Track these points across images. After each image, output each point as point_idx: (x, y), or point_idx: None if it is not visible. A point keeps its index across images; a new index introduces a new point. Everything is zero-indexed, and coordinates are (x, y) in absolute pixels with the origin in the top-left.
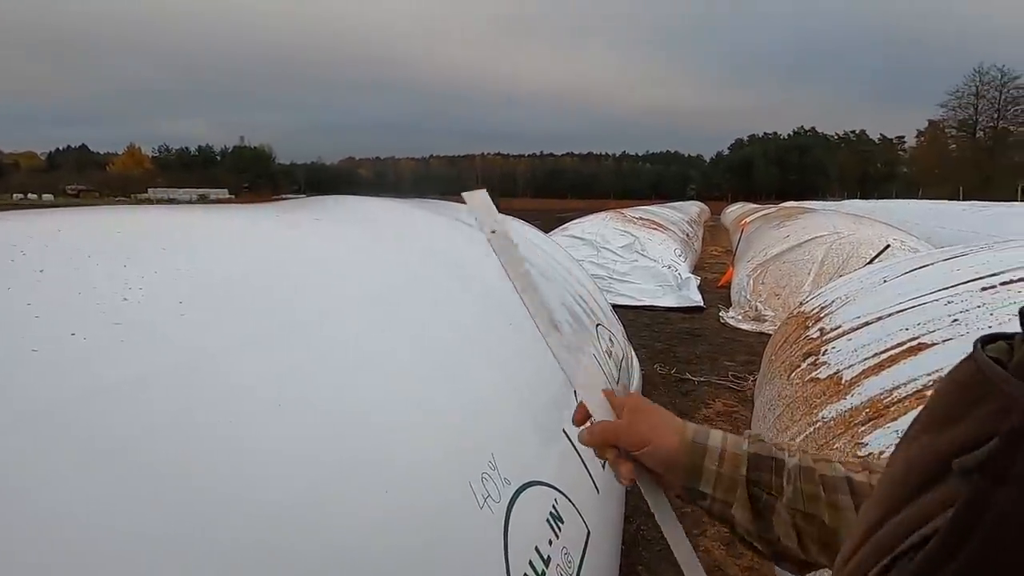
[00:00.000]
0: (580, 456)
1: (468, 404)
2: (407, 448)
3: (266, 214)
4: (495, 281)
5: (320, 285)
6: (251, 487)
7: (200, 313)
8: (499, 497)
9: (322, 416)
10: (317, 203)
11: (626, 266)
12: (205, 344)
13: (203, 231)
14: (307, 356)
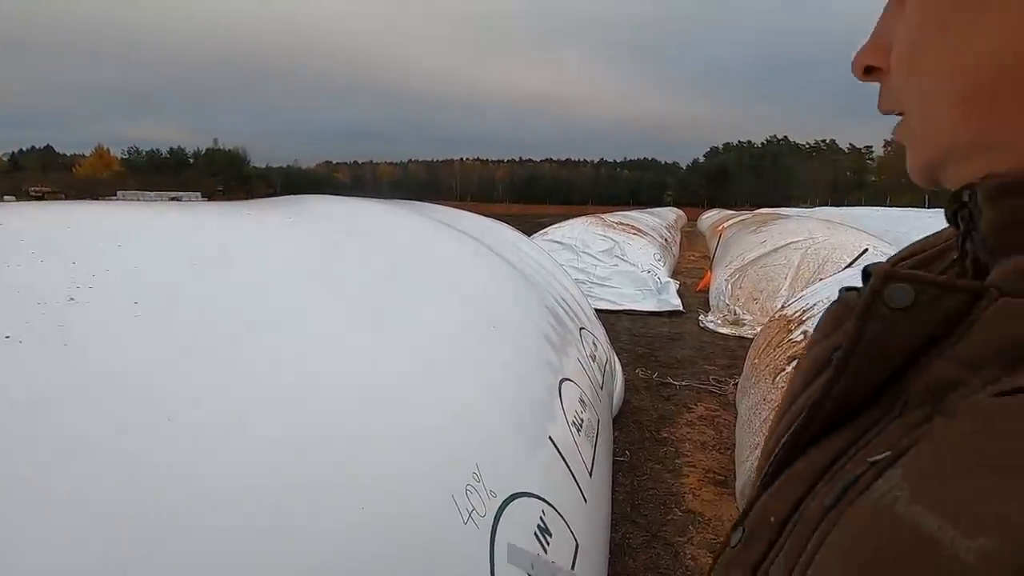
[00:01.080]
0: (567, 464)
1: (450, 412)
2: (384, 461)
3: (234, 213)
4: (477, 283)
5: (289, 286)
6: (211, 505)
7: (157, 314)
8: (484, 511)
9: (288, 428)
10: (287, 203)
11: (606, 270)
12: (161, 347)
13: (163, 228)
14: (273, 361)
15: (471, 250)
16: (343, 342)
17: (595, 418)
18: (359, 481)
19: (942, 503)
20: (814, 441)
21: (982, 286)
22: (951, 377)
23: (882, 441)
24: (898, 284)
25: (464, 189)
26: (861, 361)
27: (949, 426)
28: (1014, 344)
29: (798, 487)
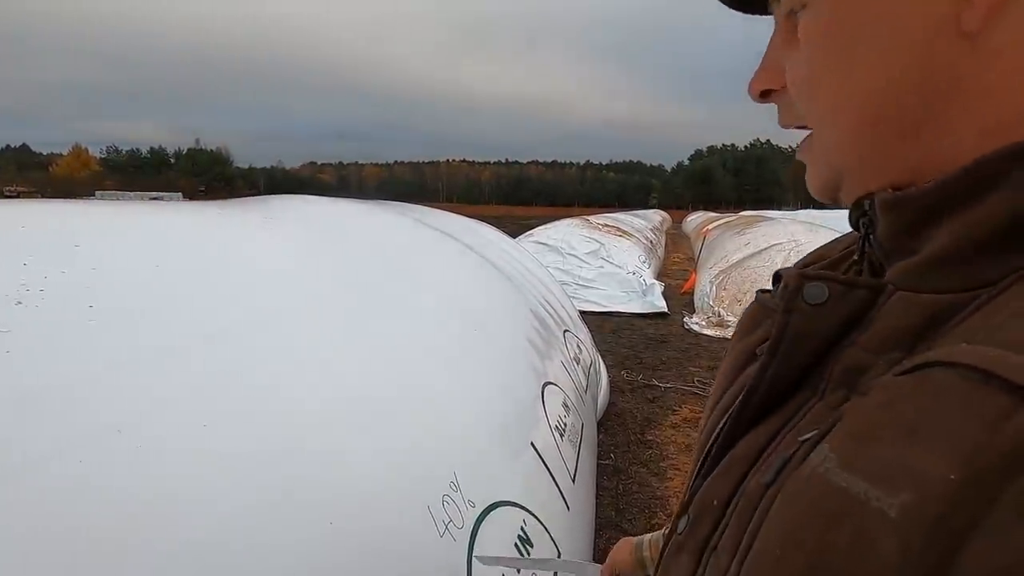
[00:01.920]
0: (549, 470)
1: (426, 419)
2: (353, 472)
3: (205, 213)
4: (458, 285)
5: (259, 289)
6: (165, 523)
7: (114, 318)
8: (462, 522)
9: (249, 440)
10: (263, 202)
11: (592, 272)
12: (114, 355)
13: (126, 228)
14: (236, 369)
15: (453, 251)
16: (313, 347)
17: (579, 422)
18: (326, 495)
19: (866, 468)
20: (750, 426)
21: (880, 283)
22: (861, 362)
23: (809, 421)
24: (814, 283)
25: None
26: (788, 350)
27: (863, 401)
28: (908, 330)
29: (738, 469)
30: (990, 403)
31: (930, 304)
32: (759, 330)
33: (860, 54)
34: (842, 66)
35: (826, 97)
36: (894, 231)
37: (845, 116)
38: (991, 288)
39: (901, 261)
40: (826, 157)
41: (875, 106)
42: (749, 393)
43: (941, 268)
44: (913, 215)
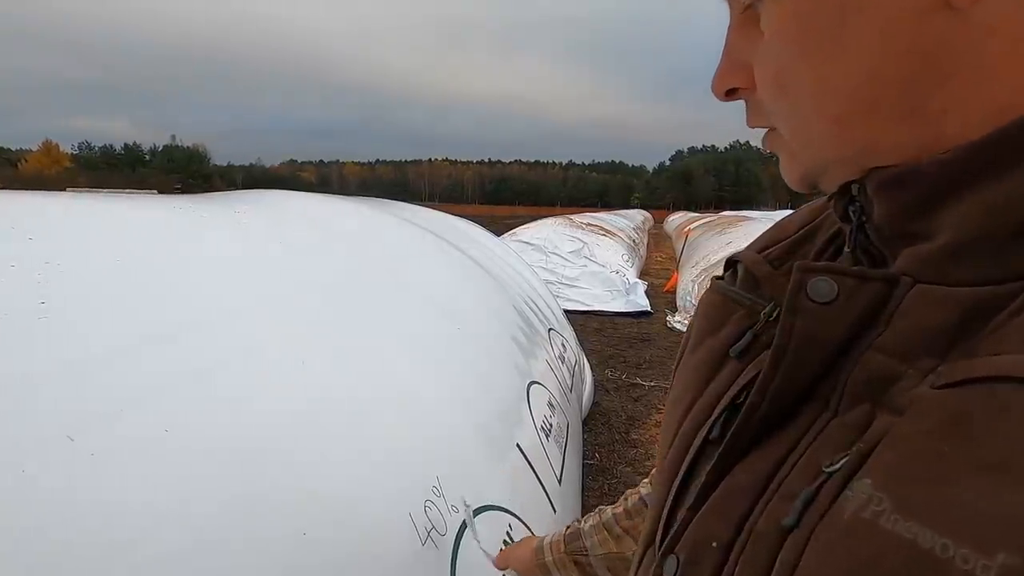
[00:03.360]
0: (535, 472)
1: (408, 422)
2: (330, 478)
3: (174, 205)
4: (441, 282)
5: (230, 284)
6: (124, 535)
7: (69, 316)
8: (445, 528)
9: (220, 442)
10: (237, 196)
11: (575, 271)
12: (69, 354)
13: (87, 220)
14: (204, 368)
15: (436, 248)
16: (286, 346)
17: (564, 422)
18: (300, 503)
19: (939, 516)
20: (748, 448)
21: (896, 274)
22: (888, 371)
23: (826, 443)
24: (820, 277)
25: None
26: (794, 358)
27: (908, 424)
28: (940, 331)
29: (739, 504)
30: None
31: (963, 299)
32: (726, 327)
33: (844, 39)
34: (822, 53)
35: (805, 89)
36: (897, 213)
37: (831, 106)
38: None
39: (910, 248)
40: (808, 149)
41: (868, 91)
42: (748, 412)
43: (969, 256)
44: (920, 194)
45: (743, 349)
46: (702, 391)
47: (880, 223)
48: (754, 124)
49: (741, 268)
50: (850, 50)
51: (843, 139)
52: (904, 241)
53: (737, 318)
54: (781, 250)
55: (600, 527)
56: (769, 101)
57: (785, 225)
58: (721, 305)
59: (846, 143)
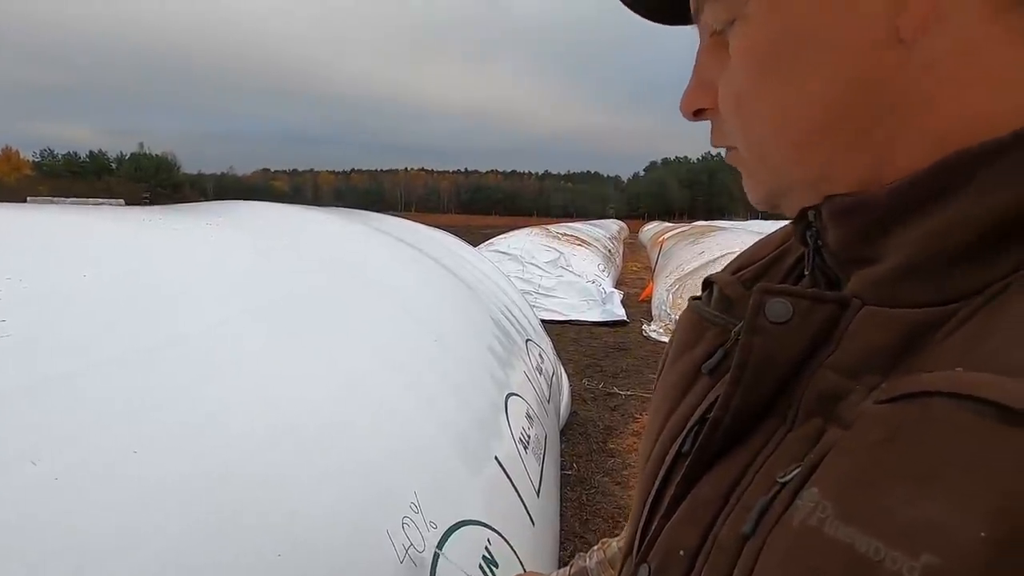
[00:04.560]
0: (513, 485)
1: (384, 437)
2: (305, 495)
3: (142, 217)
4: (417, 294)
5: (195, 299)
6: (92, 556)
7: (31, 334)
8: (423, 545)
9: (189, 462)
10: (207, 208)
11: (552, 281)
12: (29, 373)
13: (51, 233)
14: (172, 387)
15: (411, 259)
16: (256, 362)
17: (542, 433)
18: (272, 524)
19: (874, 521)
20: (713, 461)
21: (846, 297)
22: (836, 386)
23: (782, 455)
24: (777, 299)
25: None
26: (753, 376)
27: (852, 437)
28: (884, 350)
29: (705, 513)
30: (1014, 444)
31: (906, 320)
32: (700, 344)
33: (799, 67)
34: (780, 80)
35: (765, 113)
36: (848, 239)
37: (789, 131)
38: (969, 300)
39: (861, 271)
40: (768, 171)
41: (822, 119)
42: (712, 426)
43: (912, 279)
44: (869, 221)
45: (714, 366)
46: (677, 406)
47: (834, 248)
48: (717, 144)
49: (716, 289)
50: (806, 78)
51: (803, 164)
52: (855, 264)
53: (710, 336)
54: (753, 271)
55: (606, 564)
56: (730, 122)
57: (761, 246)
58: (696, 324)
59: (806, 168)
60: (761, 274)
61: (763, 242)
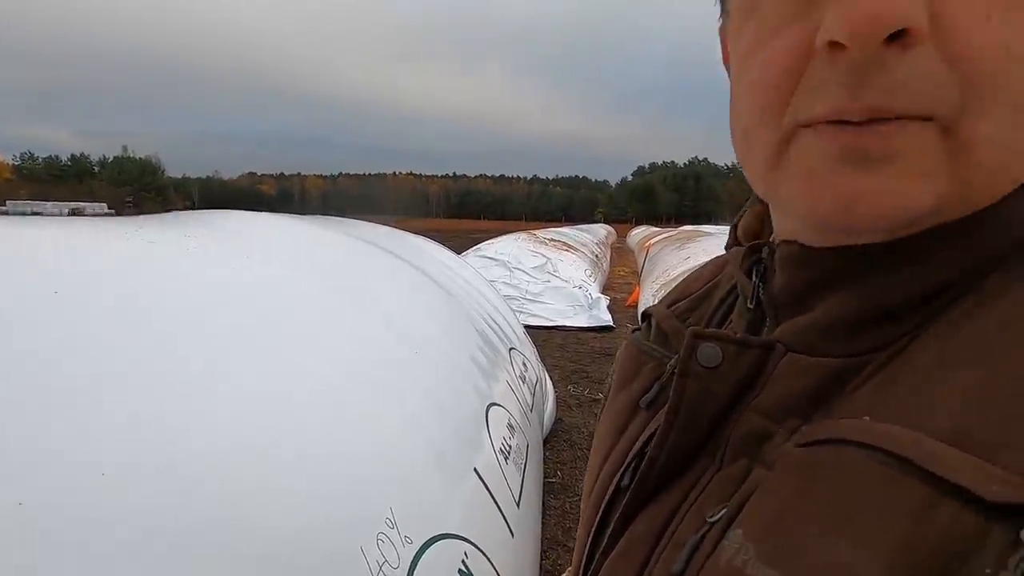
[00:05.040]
0: (492, 496)
1: (359, 452)
2: (279, 512)
3: (119, 230)
4: (396, 304)
5: (169, 315)
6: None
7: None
8: (398, 561)
9: (159, 481)
10: (187, 218)
11: (539, 287)
12: (4, 396)
13: (25, 248)
14: (142, 406)
15: (393, 269)
16: (233, 378)
17: (524, 443)
18: (242, 542)
19: (790, 564)
20: (649, 497)
21: (771, 342)
22: (760, 428)
23: (711, 495)
24: (708, 343)
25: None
26: (686, 418)
27: (773, 480)
28: (803, 395)
29: (639, 551)
30: (911, 494)
31: (823, 368)
32: (639, 379)
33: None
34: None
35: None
36: (790, 287)
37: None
38: (878, 353)
39: (791, 318)
40: (1001, 166)
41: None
42: (648, 466)
43: (838, 333)
44: (815, 276)
45: (651, 400)
46: (617, 440)
47: (775, 291)
48: (906, 101)
49: (653, 322)
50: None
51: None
52: (788, 310)
53: (648, 370)
54: (687, 304)
55: None
56: (990, 76)
57: (693, 280)
58: (635, 357)
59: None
60: (695, 307)
61: (695, 275)
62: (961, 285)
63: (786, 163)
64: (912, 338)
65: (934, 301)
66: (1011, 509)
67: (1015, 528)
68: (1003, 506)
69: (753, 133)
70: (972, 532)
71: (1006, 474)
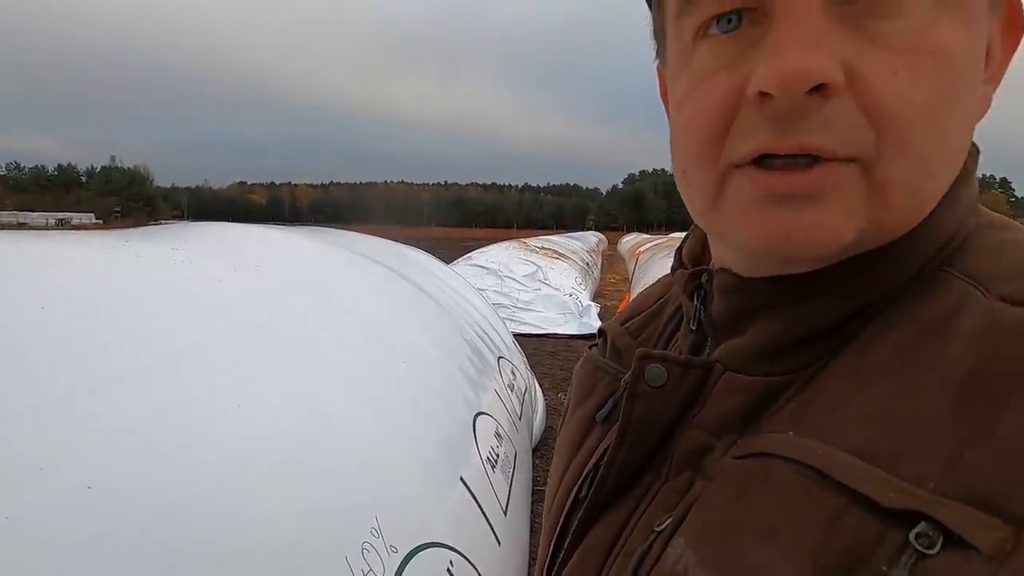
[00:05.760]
0: (479, 505)
1: (344, 463)
2: (265, 522)
3: (105, 243)
4: (385, 316)
5: (157, 329)
6: None
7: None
8: (383, 570)
9: (147, 494)
10: (176, 230)
11: (529, 295)
12: None
13: (8, 259)
14: (128, 419)
15: (382, 280)
16: (220, 391)
17: (512, 451)
18: (230, 552)
19: (724, 569)
20: (602, 511)
21: (711, 363)
22: (701, 443)
23: (658, 506)
24: (654, 364)
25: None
26: (635, 436)
27: (711, 491)
28: (738, 412)
29: (593, 561)
30: (826, 503)
31: (756, 386)
32: (594, 395)
33: (974, 89)
34: (968, 99)
35: (955, 133)
36: (726, 313)
37: (957, 162)
38: (802, 371)
39: (728, 340)
40: (910, 206)
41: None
42: (600, 481)
43: (766, 355)
44: (747, 304)
45: (606, 415)
46: (575, 454)
47: (714, 315)
48: (824, 142)
49: (608, 339)
50: (974, 107)
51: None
52: (726, 333)
53: (603, 386)
54: (639, 322)
55: None
56: (901, 129)
57: (645, 296)
58: (591, 374)
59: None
60: (646, 324)
61: (646, 293)
62: (876, 307)
63: (723, 201)
64: (832, 358)
65: (852, 323)
66: (903, 514)
67: (905, 530)
68: (897, 511)
69: (692, 174)
70: (873, 535)
71: (900, 482)
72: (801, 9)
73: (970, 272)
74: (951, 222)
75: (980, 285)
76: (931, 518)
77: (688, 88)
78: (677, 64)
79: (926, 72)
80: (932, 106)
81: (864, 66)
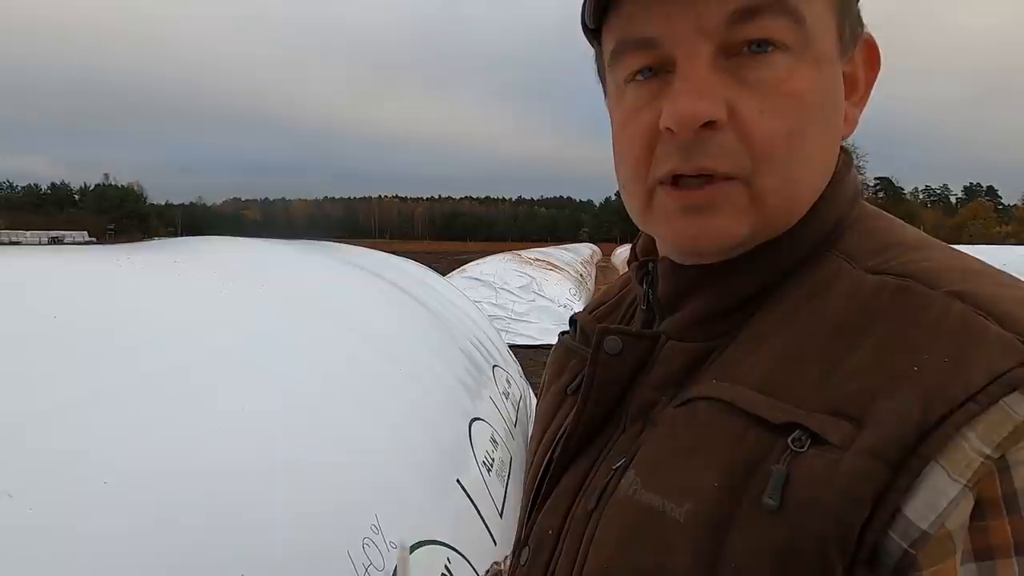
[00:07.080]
0: (475, 506)
1: (347, 462)
2: (269, 520)
3: (106, 256)
4: (384, 327)
5: (161, 339)
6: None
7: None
8: (383, 564)
9: (153, 495)
10: (175, 245)
11: (524, 306)
12: None
13: (10, 273)
14: (136, 425)
15: (378, 291)
16: (225, 395)
17: (507, 456)
18: (238, 544)
19: (662, 486)
20: (571, 462)
21: (657, 334)
22: (650, 399)
23: (617, 451)
24: (611, 336)
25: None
26: (596, 395)
27: (655, 432)
28: (679, 371)
29: (564, 500)
30: (733, 427)
31: (691, 351)
32: (566, 372)
33: (836, 119)
34: (827, 127)
35: (815, 156)
36: (667, 292)
37: (820, 179)
38: (725, 337)
39: (670, 315)
40: (779, 214)
41: (828, 174)
42: (568, 436)
43: (700, 325)
44: (682, 284)
45: (576, 388)
46: (550, 424)
47: (660, 295)
48: (715, 166)
49: (579, 325)
50: (835, 133)
51: (802, 211)
52: (668, 310)
53: (573, 364)
54: (604, 311)
55: None
56: (768, 153)
57: (608, 289)
58: (564, 355)
59: (800, 214)
60: (610, 312)
61: (610, 286)
62: (778, 283)
63: (652, 210)
64: (746, 324)
65: (760, 297)
66: (785, 427)
67: (786, 438)
68: (781, 425)
69: (628, 187)
70: (766, 444)
71: (784, 404)
72: (694, 65)
73: (845, 251)
74: (832, 214)
75: (851, 260)
76: (802, 426)
77: (622, 121)
78: (614, 101)
79: (784, 108)
80: (790, 133)
81: (740, 105)
